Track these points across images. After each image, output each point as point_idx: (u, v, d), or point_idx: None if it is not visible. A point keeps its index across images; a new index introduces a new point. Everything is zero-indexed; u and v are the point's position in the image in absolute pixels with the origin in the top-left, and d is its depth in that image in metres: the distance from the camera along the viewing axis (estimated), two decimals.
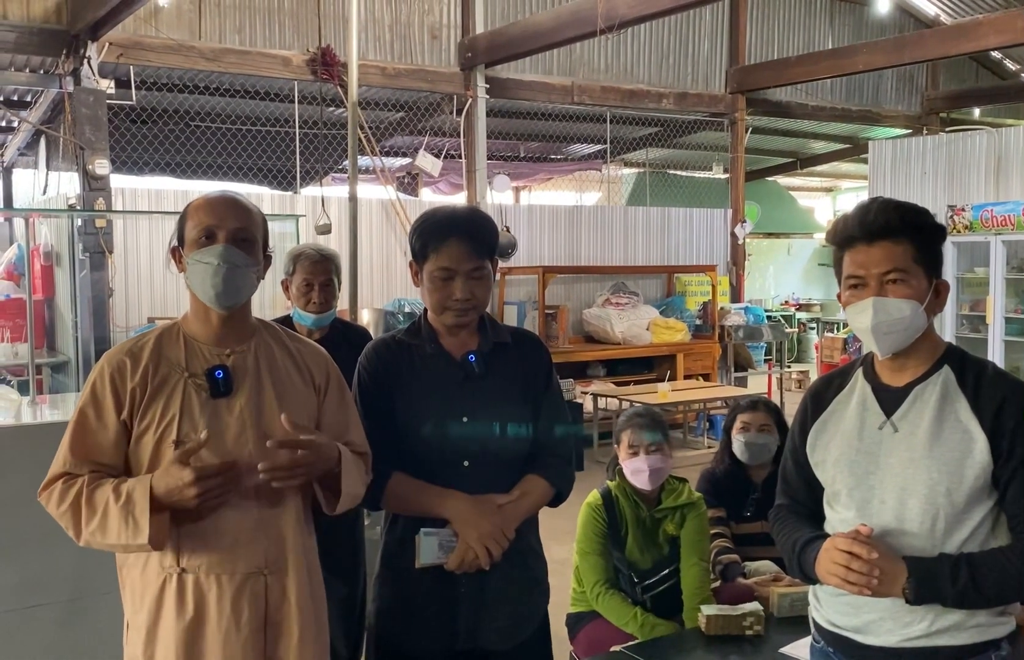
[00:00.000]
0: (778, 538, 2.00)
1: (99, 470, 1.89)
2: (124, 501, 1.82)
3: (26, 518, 2.91)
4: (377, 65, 8.35)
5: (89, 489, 1.85)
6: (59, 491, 1.87)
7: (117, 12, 6.32)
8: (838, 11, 11.64)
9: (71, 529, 1.88)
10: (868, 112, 12.00)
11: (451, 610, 2.14)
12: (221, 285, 1.92)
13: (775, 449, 3.41)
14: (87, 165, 6.90)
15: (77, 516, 1.85)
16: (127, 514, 1.81)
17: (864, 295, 1.78)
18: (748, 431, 3.43)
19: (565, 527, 3.29)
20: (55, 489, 1.88)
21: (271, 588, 1.93)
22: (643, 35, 9.99)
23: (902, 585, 1.72)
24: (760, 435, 3.42)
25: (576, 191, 13.88)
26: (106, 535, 1.84)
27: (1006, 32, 8.24)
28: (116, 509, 1.82)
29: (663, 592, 3.11)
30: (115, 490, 1.84)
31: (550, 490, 2.22)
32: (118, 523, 1.81)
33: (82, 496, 1.85)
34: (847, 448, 1.86)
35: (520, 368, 2.22)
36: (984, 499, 1.75)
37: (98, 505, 1.84)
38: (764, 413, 3.46)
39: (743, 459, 3.45)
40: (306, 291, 3.33)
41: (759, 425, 3.43)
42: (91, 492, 1.85)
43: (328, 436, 2.02)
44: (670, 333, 9.45)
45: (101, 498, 1.84)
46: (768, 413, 3.48)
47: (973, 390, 1.77)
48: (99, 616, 3.03)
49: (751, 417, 3.45)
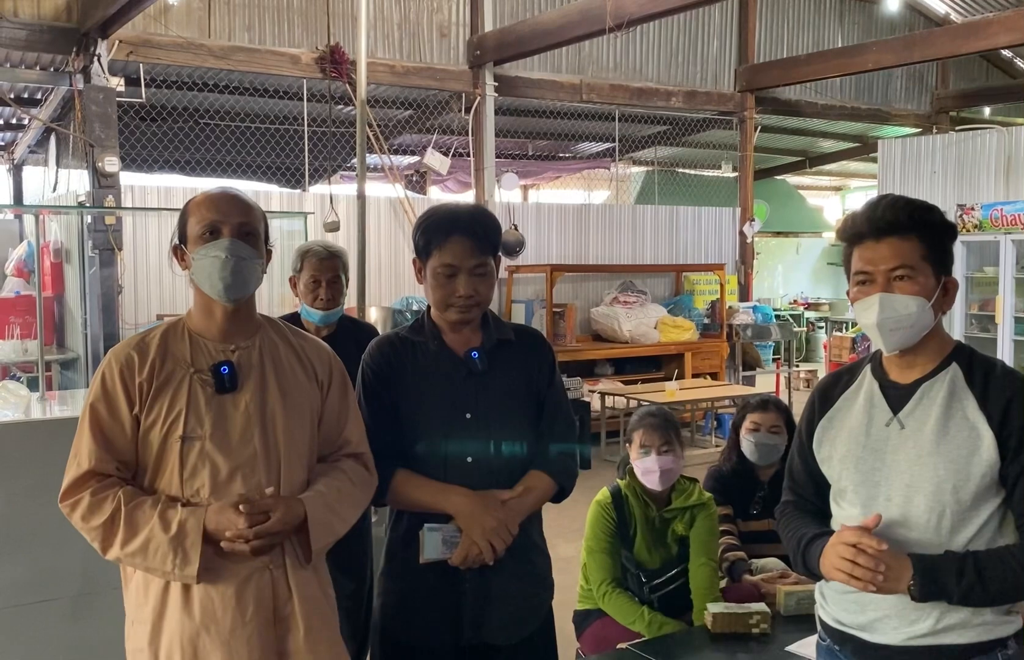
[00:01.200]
0: (784, 534, 1.99)
1: (122, 469, 1.90)
2: (176, 533, 1.83)
3: (35, 513, 2.94)
4: (386, 63, 8.36)
5: (128, 508, 1.85)
6: (87, 503, 1.86)
7: (127, 10, 6.35)
8: (848, 9, 11.60)
9: (98, 543, 1.87)
10: (878, 111, 11.95)
11: (455, 605, 2.15)
12: (230, 278, 1.92)
13: (784, 449, 3.39)
14: (97, 162, 6.93)
15: (110, 533, 1.85)
16: (177, 546, 1.83)
17: (871, 291, 1.77)
18: (758, 431, 3.41)
19: (572, 525, 3.30)
20: (82, 500, 1.87)
21: (277, 582, 1.93)
22: (652, 33, 9.97)
23: (908, 582, 1.72)
24: (770, 436, 3.41)
25: (584, 189, 13.87)
26: (147, 559, 1.84)
27: (1016, 30, 8.19)
28: (164, 538, 1.83)
29: (671, 592, 3.10)
30: (161, 518, 1.84)
31: (553, 486, 2.22)
32: (164, 551, 1.83)
33: (120, 514, 1.84)
34: (854, 445, 1.85)
35: (523, 364, 2.23)
36: (991, 497, 1.75)
37: (140, 528, 1.84)
38: (775, 414, 3.45)
39: (752, 459, 3.43)
40: (313, 288, 3.34)
41: (769, 426, 3.42)
42: (131, 512, 1.85)
43: (327, 432, 2.04)
44: (678, 332, 9.44)
45: (143, 521, 1.84)
46: (779, 413, 3.46)
47: (981, 388, 1.77)
48: (107, 611, 3.03)
49: (762, 417, 3.43)
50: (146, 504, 1.86)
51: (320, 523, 1.94)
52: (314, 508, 1.94)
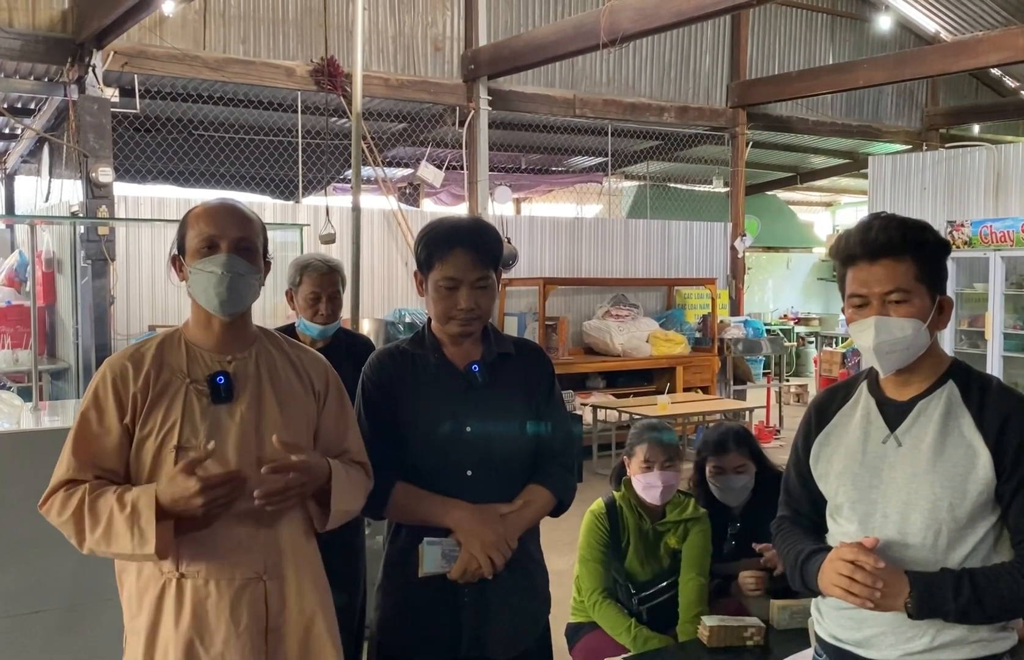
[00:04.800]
0: (780, 549, 2.00)
1: (102, 476, 1.89)
2: (130, 511, 1.81)
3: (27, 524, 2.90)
4: (380, 76, 8.38)
5: (91, 497, 1.85)
6: (60, 500, 1.87)
7: (122, 21, 6.35)
8: (839, 27, 11.70)
9: (73, 537, 1.87)
10: (868, 127, 12.04)
11: (454, 619, 2.15)
12: (226, 293, 1.93)
13: (753, 483, 3.26)
14: (91, 172, 6.91)
15: (80, 524, 1.85)
16: (132, 524, 1.81)
17: (867, 314, 1.77)
18: (724, 474, 3.25)
19: (565, 538, 3.30)
20: (56, 498, 1.88)
21: (271, 593, 1.93)
22: (645, 49, 10.04)
23: (904, 599, 1.72)
24: (736, 477, 3.24)
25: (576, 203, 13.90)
26: (111, 544, 1.83)
27: (1006, 49, 8.29)
28: (121, 518, 1.81)
29: (659, 605, 3.11)
30: (119, 499, 1.83)
31: (552, 500, 2.23)
32: (123, 533, 1.81)
33: (84, 504, 1.84)
34: (850, 461, 1.86)
35: (523, 378, 2.23)
36: (987, 515, 1.75)
37: (101, 514, 1.83)
38: (736, 453, 3.25)
39: (723, 501, 3.29)
40: (313, 302, 3.31)
41: (734, 467, 3.25)
42: (93, 500, 1.84)
43: (326, 443, 2.03)
44: (670, 346, 9.46)
45: (104, 507, 1.83)
46: (739, 450, 3.26)
47: (977, 405, 1.77)
48: (99, 622, 3.03)
49: (724, 460, 3.25)
50: (108, 491, 1.85)
51: (341, 489, 1.95)
52: (338, 471, 1.96)
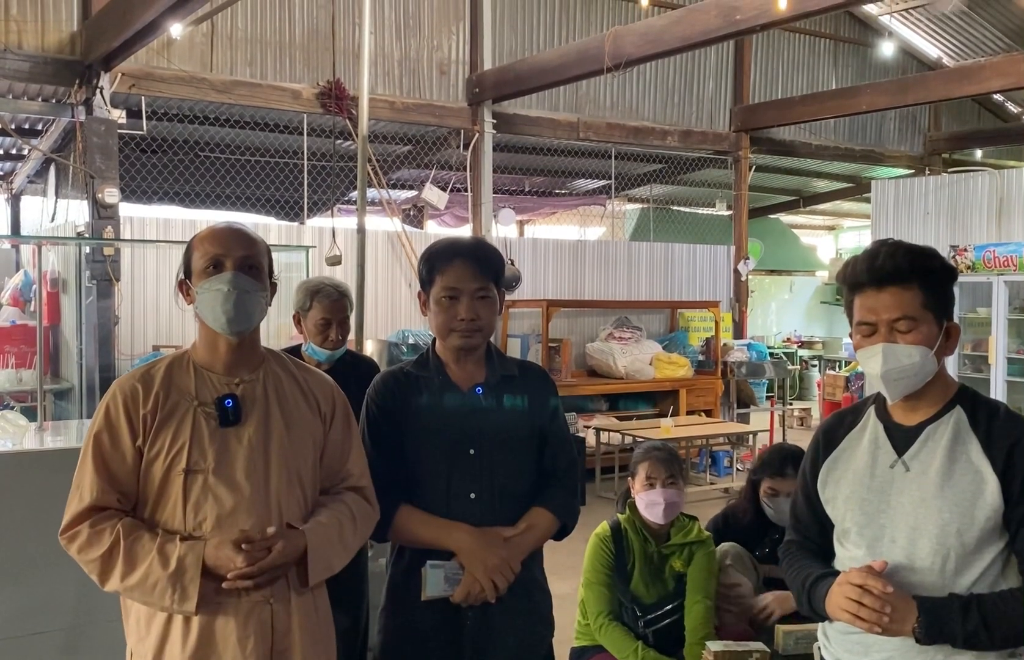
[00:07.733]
0: (788, 574, 1.99)
1: (122, 499, 1.90)
2: (175, 568, 1.83)
3: (31, 544, 2.92)
4: (386, 99, 8.43)
5: (127, 542, 1.85)
6: (87, 535, 1.86)
7: (131, 44, 6.40)
8: (842, 52, 11.76)
9: (96, 575, 1.88)
10: (871, 152, 12.08)
11: (457, 642, 2.14)
12: (232, 311, 1.93)
13: None
14: (97, 193, 6.95)
15: (109, 564, 1.85)
16: (176, 581, 1.83)
17: (874, 341, 1.78)
18: (778, 497, 3.27)
19: (568, 562, 3.28)
20: (82, 531, 1.87)
21: (277, 617, 1.93)
22: (648, 73, 10.10)
23: (912, 624, 1.72)
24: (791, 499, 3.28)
25: (579, 225, 13.94)
26: (145, 593, 1.85)
27: (1008, 75, 8.33)
28: (163, 574, 1.83)
29: (665, 628, 3.09)
30: (160, 552, 1.84)
31: (556, 523, 2.23)
32: (163, 588, 1.83)
33: (118, 547, 1.84)
34: (858, 486, 1.86)
35: (527, 401, 2.23)
36: (995, 540, 1.75)
37: (139, 562, 1.84)
38: (793, 477, 3.18)
39: (775, 522, 3.31)
40: (324, 329, 3.31)
41: (788, 491, 3.16)
42: (130, 545, 1.85)
43: (329, 464, 2.04)
44: (673, 368, 9.45)
45: (143, 555, 1.84)
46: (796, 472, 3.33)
47: (985, 431, 1.78)
48: (100, 644, 3.01)
49: (780, 484, 3.26)
50: (145, 537, 1.86)
51: (320, 556, 1.94)
52: (314, 539, 1.94)
